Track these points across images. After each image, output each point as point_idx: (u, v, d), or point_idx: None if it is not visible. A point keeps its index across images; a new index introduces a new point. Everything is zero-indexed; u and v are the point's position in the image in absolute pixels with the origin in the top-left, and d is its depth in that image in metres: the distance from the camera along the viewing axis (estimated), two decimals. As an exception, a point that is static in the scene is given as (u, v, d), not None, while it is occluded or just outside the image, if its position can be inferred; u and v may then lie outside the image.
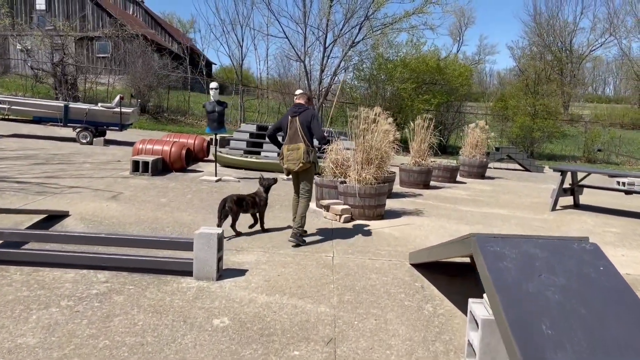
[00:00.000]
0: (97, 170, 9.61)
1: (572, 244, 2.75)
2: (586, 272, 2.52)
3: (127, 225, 6.04)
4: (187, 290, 4.13)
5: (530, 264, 2.58)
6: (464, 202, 8.97)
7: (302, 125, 5.50)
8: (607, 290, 2.40)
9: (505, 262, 2.59)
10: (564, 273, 2.51)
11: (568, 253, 2.67)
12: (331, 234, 6.18)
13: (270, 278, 4.50)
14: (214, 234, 4.33)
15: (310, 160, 5.49)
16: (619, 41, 41.15)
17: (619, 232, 7.16)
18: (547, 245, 2.72)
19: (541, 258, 2.62)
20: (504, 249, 2.69)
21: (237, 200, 5.87)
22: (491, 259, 2.61)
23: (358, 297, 4.19)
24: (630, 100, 43.78)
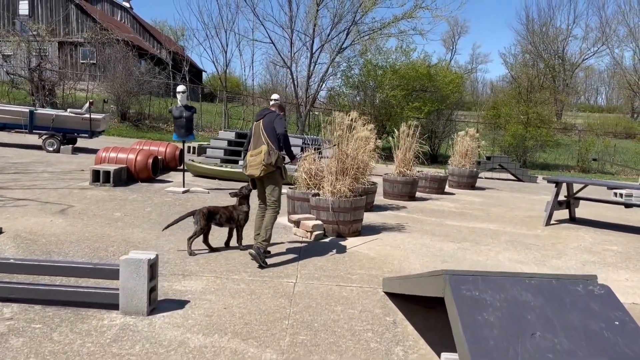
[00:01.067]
0: (55, 181, 8.85)
1: (576, 285, 2.05)
2: (596, 329, 1.82)
3: (67, 244, 5.30)
4: (108, 329, 3.39)
5: (520, 317, 1.87)
6: (451, 216, 8.27)
7: (266, 127, 5.01)
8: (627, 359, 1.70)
9: (485, 313, 1.89)
10: (566, 331, 1.81)
11: (570, 299, 1.97)
12: (299, 254, 5.46)
13: (213, 312, 3.77)
14: (144, 259, 3.60)
15: (273, 163, 4.88)
16: (611, 50, 40.95)
17: (620, 250, 6.48)
18: (543, 288, 2.02)
19: (534, 307, 1.92)
20: (484, 293, 1.99)
21: (207, 213, 5.25)
22: (467, 308, 1.91)
23: (315, 337, 3.47)
24: (623, 109, 43.53)
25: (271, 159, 4.85)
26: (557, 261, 5.76)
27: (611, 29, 40.08)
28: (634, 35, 37.23)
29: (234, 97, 27.19)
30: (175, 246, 5.44)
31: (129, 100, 20.78)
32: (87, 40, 25.30)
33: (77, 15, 30.65)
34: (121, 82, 19.93)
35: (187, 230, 6.16)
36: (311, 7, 19.89)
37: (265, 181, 5.04)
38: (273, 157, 4.87)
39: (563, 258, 5.91)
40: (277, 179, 5.04)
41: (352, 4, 19.38)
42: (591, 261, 5.83)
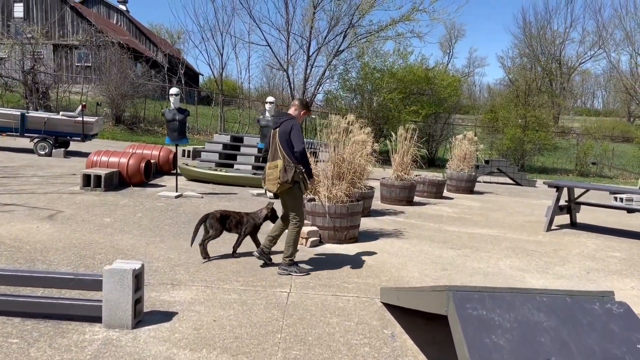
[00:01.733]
0: (45, 185, 8.64)
1: (592, 304, 1.88)
2: (618, 354, 1.64)
3: (52, 251, 5.10)
4: (89, 344, 3.20)
5: (533, 340, 1.69)
6: (450, 221, 8.10)
7: (281, 138, 4.69)
8: (654, 388, 1.52)
9: (494, 335, 1.71)
10: (584, 356, 1.63)
11: (587, 320, 1.79)
12: (293, 262, 5.26)
13: (202, 325, 3.58)
14: (129, 269, 3.41)
15: (290, 180, 4.61)
16: (608, 54, 40.99)
17: (624, 257, 6.31)
18: (556, 307, 1.84)
19: (548, 329, 1.74)
20: (492, 312, 1.81)
21: (220, 217, 5.14)
22: (473, 330, 1.72)
23: (309, 352, 3.28)
24: (619, 113, 43.54)
25: (287, 177, 4.61)
26: (561, 268, 5.58)
27: (608, 32, 40.11)
28: (631, 39, 37.19)
29: (231, 100, 27.02)
30: (166, 254, 5.25)
31: (123, 103, 20.58)
32: (82, 42, 25.08)
33: (73, 18, 30.44)
34: (116, 85, 19.73)
35: (178, 237, 5.98)
36: (308, 9, 19.78)
37: (284, 196, 4.81)
38: (289, 173, 4.61)
39: (566, 265, 5.73)
40: (296, 193, 4.77)
41: (349, 7, 19.28)
42: (595, 268, 5.65)
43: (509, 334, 1.72)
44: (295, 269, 4.81)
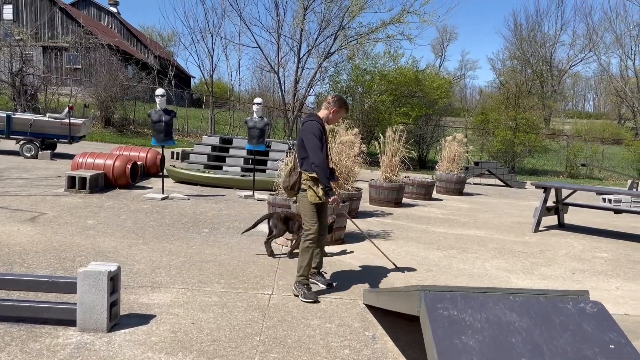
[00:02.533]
0: (29, 187, 8.53)
1: (566, 303, 1.83)
2: (590, 355, 1.60)
3: (32, 254, 5.01)
4: (62, 348, 3.12)
5: (505, 341, 1.65)
6: (438, 223, 8.07)
7: (299, 139, 4.31)
8: (625, 389, 1.48)
9: (464, 336, 1.66)
10: (556, 357, 1.58)
11: (559, 320, 1.75)
12: (277, 264, 5.21)
13: (180, 328, 3.51)
14: (104, 272, 3.34)
15: (290, 186, 4.26)
16: (598, 57, 41.31)
17: (610, 258, 6.30)
18: (530, 307, 1.80)
19: (520, 330, 1.70)
20: (463, 312, 1.76)
21: (284, 218, 5.35)
22: (443, 331, 1.68)
23: (288, 355, 3.22)
24: (610, 115, 43.84)
25: (289, 182, 4.27)
26: (546, 269, 5.56)
27: (598, 35, 40.43)
28: (620, 42, 37.52)
29: (223, 102, 26.92)
30: (148, 256, 5.17)
31: (113, 106, 20.43)
32: (71, 44, 24.90)
33: (62, 20, 30.24)
34: (105, 87, 19.59)
35: (161, 239, 5.90)
36: (298, 11, 19.75)
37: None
38: (292, 178, 4.25)
39: (552, 266, 5.71)
40: (303, 202, 4.26)
41: (339, 9, 19.27)
42: (581, 269, 5.64)
43: (480, 334, 1.67)
44: (302, 291, 4.20)
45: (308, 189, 4.19)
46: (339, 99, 4.40)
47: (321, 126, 4.19)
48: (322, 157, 4.08)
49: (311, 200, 4.19)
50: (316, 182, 4.15)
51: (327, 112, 4.33)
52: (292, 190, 4.28)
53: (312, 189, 4.18)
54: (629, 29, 36.90)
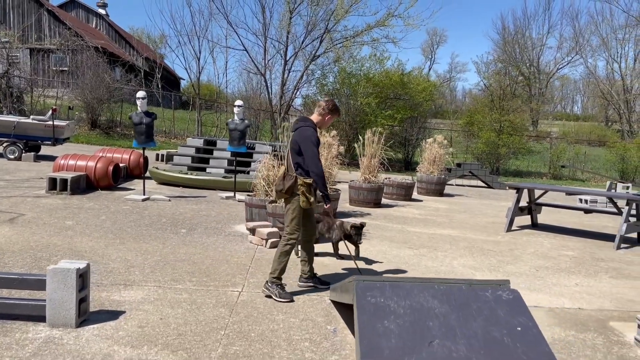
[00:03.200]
0: (10, 189, 8.59)
1: (485, 291, 1.99)
2: (497, 336, 1.76)
3: (8, 254, 5.10)
4: (30, 342, 3.24)
5: (423, 325, 1.80)
6: (414, 223, 8.25)
7: (293, 144, 4.27)
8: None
9: (387, 321, 1.82)
10: (466, 338, 1.74)
11: (477, 306, 1.91)
12: (250, 263, 5.35)
13: (148, 323, 3.63)
14: (73, 269, 3.46)
15: (285, 189, 4.25)
16: (584, 60, 41.82)
17: (575, 255, 6.50)
18: (450, 295, 1.96)
19: (439, 314, 1.85)
20: (390, 300, 1.92)
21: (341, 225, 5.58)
22: (368, 316, 1.83)
23: (249, 348, 3.36)
24: (598, 118, 44.38)
25: (283, 185, 4.27)
26: (512, 267, 5.74)
27: (584, 39, 40.98)
28: (607, 45, 38.05)
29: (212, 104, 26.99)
30: (124, 255, 5.29)
31: (99, 108, 20.45)
32: (57, 46, 24.87)
33: (50, 22, 30.16)
34: (91, 89, 19.61)
35: (138, 239, 6.01)
36: (284, 14, 19.91)
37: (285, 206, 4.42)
38: (287, 182, 4.24)
39: (518, 264, 5.90)
40: (293, 206, 4.28)
41: (325, 12, 19.46)
42: (545, 267, 5.83)
43: (401, 319, 1.82)
44: (277, 292, 4.25)
45: (301, 194, 4.19)
46: (333, 105, 4.39)
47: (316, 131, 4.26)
48: (321, 166, 4.15)
49: (303, 205, 4.21)
50: (310, 188, 4.18)
51: (322, 118, 4.35)
52: (285, 194, 4.27)
53: (305, 194, 4.18)
54: (615, 32, 37.49)
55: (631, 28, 35.82)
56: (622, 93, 36.90)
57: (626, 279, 5.53)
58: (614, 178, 20.23)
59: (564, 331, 3.87)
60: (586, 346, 3.62)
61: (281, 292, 4.23)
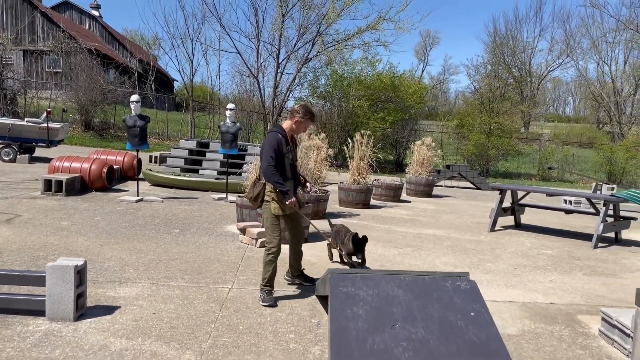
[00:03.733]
0: (6, 190, 8.76)
1: (445, 282, 2.23)
2: (452, 319, 2.00)
3: (6, 253, 5.29)
4: (31, 334, 3.44)
5: (387, 310, 2.04)
6: (401, 223, 8.49)
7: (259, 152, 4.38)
8: (473, 346, 1.88)
9: (356, 307, 2.05)
10: (424, 322, 1.98)
11: (436, 294, 2.15)
12: (240, 261, 5.57)
13: (142, 317, 3.85)
14: (71, 266, 3.67)
15: (253, 197, 4.35)
16: (575, 62, 42.32)
17: (554, 254, 6.77)
18: (414, 285, 2.20)
19: (402, 302, 2.09)
20: (359, 289, 2.16)
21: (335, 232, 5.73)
22: (339, 303, 2.07)
23: (237, 339, 3.58)
24: (589, 119, 44.88)
25: (252, 193, 4.37)
26: (491, 265, 6.00)
27: (575, 41, 41.47)
28: (597, 48, 38.52)
29: (205, 106, 27.18)
30: (118, 254, 5.49)
31: (93, 110, 20.59)
32: (51, 49, 24.98)
33: (43, 24, 30.22)
34: (85, 91, 19.74)
35: (132, 239, 6.21)
36: (277, 18, 20.14)
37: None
38: (256, 189, 4.33)
39: (497, 262, 6.15)
40: (266, 216, 4.33)
41: (317, 16, 19.71)
42: (523, 265, 6.09)
43: (368, 305, 2.05)
44: (262, 296, 4.28)
45: (272, 200, 4.21)
46: (302, 108, 4.36)
47: (282, 137, 4.21)
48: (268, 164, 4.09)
49: (274, 212, 4.22)
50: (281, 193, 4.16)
51: (291, 123, 4.33)
52: (255, 201, 4.34)
53: (275, 200, 4.20)
54: (605, 35, 37.97)
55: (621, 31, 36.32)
56: (612, 95, 37.36)
57: (599, 276, 5.80)
58: (601, 180, 20.60)
59: (534, 323, 4.13)
60: (553, 337, 3.87)
61: (265, 297, 4.25)
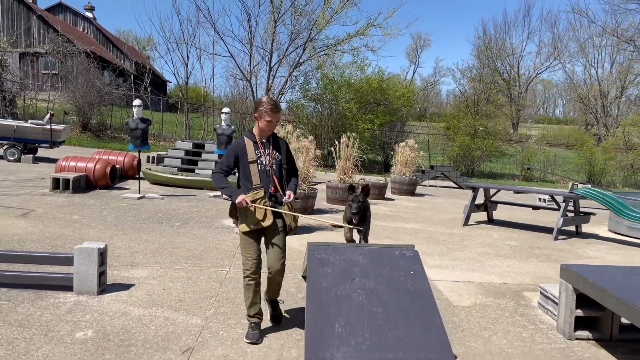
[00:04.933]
0: (16, 188, 9.42)
1: (395, 250, 2.97)
2: (396, 276, 2.73)
3: (28, 242, 5.97)
4: (63, 304, 4.14)
5: (349, 270, 2.77)
6: (383, 218, 9.25)
7: None
8: (409, 293, 2.61)
9: (326, 267, 2.78)
10: (375, 277, 2.71)
11: (387, 259, 2.88)
12: (235, 250, 6.28)
13: (154, 292, 4.56)
14: (95, 248, 4.37)
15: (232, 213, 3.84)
16: (563, 65, 43.39)
17: (516, 245, 7.55)
18: (371, 253, 2.93)
19: (361, 264, 2.83)
20: (330, 256, 2.89)
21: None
22: (314, 265, 2.80)
23: (236, 308, 4.30)
24: (578, 121, 45.95)
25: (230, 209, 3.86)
26: (459, 253, 6.76)
27: (563, 44, 42.56)
28: (584, 51, 39.57)
29: (198, 108, 27.84)
30: (127, 244, 6.18)
31: (90, 111, 21.21)
32: (49, 52, 25.55)
33: (39, 26, 30.73)
34: (83, 93, 20.37)
35: (138, 230, 6.91)
36: (269, 23, 20.88)
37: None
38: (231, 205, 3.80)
39: (464, 251, 6.92)
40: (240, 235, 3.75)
41: (308, 22, 20.48)
42: (487, 253, 6.86)
43: (335, 266, 2.78)
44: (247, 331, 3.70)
45: (240, 215, 3.69)
46: (258, 103, 3.73)
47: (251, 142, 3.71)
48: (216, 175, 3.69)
49: (242, 229, 3.63)
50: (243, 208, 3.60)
51: (257, 123, 3.74)
52: (231, 217, 3.88)
53: (242, 215, 3.65)
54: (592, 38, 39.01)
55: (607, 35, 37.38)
56: (599, 98, 38.40)
57: (551, 262, 6.58)
58: (581, 181, 21.51)
59: (486, 298, 4.89)
60: (499, 308, 4.63)
61: (248, 332, 3.67)
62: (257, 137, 3.75)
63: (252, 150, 3.68)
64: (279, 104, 4.17)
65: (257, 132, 3.76)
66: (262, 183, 3.64)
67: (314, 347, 2.24)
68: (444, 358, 2.21)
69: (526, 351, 3.71)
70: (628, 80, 38.12)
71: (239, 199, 3.54)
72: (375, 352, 2.23)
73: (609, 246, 7.95)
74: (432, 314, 2.46)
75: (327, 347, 2.24)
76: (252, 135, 3.76)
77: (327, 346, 2.25)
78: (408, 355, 2.22)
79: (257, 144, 3.72)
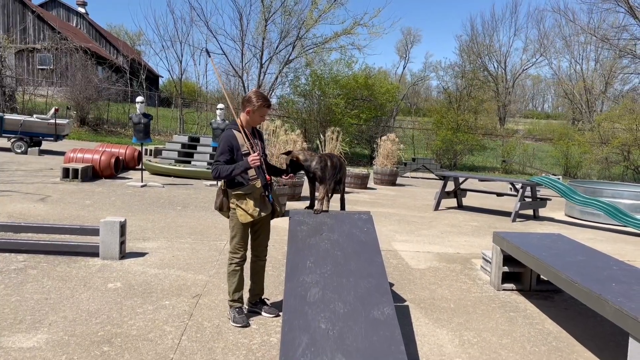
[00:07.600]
0: (29, 177, 10.32)
1: (354, 214, 3.98)
2: (354, 231, 3.74)
3: (51, 221, 6.91)
4: (93, 266, 5.12)
5: (319, 228, 3.77)
6: (362, 204, 10.27)
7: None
8: (361, 242, 3.62)
9: (302, 226, 3.78)
10: (339, 232, 3.72)
11: (348, 220, 3.89)
12: (232, 228, 7.25)
13: (165, 258, 5.54)
14: (117, 222, 5.34)
15: (217, 207, 3.92)
16: (549, 61, 44.56)
17: (477, 225, 8.61)
18: (336, 216, 3.94)
19: (329, 224, 3.83)
20: (305, 218, 3.89)
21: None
22: (294, 224, 3.79)
23: (233, 269, 5.29)
24: (565, 116, 47.16)
25: (216, 203, 3.93)
26: (425, 231, 7.80)
27: (549, 40, 43.72)
28: (570, 47, 40.73)
29: (191, 102, 28.68)
30: (137, 223, 7.14)
31: (88, 106, 22.03)
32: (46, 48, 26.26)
33: (35, 23, 31.36)
34: (80, 89, 21.18)
35: (145, 212, 7.88)
36: (260, 22, 21.79)
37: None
38: (218, 198, 3.90)
39: (430, 230, 7.96)
40: (233, 224, 3.83)
41: (297, 21, 21.43)
42: (450, 232, 7.90)
43: (309, 226, 3.77)
44: (232, 315, 3.83)
45: (236, 207, 3.76)
46: (253, 95, 3.77)
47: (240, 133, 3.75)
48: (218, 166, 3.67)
49: (241, 220, 3.73)
50: (242, 198, 3.74)
51: (245, 115, 3.76)
52: (221, 211, 3.91)
53: (240, 207, 3.74)
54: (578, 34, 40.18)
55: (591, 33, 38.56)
56: (584, 94, 39.61)
57: (504, 238, 7.63)
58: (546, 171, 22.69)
59: (439, 263, 5.93)
60: (448, 270, 5.67)
61: (235, 317, 3.80)
62: (243, 128, 3.76)
63: (242, 141, 3.72)
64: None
65: (244, 124, 3.77)
66: (257, 174, 3.76)
67: (291, 274, 3.24)
68: (381, 280, 3.22)
69: (462, 297, 4.76)
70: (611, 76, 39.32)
71: (252, 160, 3.60)
72: (334, 277, 3.23)
73: (558, 227, 9.03)
74: (375, 256, 3.47)
75: (301, 274, 3.24)
76: (237, 126, 3.77)
77: (300, 274, 3.25)
78: (356, 279, 3.23)
79: (247, 135, 3.75)
